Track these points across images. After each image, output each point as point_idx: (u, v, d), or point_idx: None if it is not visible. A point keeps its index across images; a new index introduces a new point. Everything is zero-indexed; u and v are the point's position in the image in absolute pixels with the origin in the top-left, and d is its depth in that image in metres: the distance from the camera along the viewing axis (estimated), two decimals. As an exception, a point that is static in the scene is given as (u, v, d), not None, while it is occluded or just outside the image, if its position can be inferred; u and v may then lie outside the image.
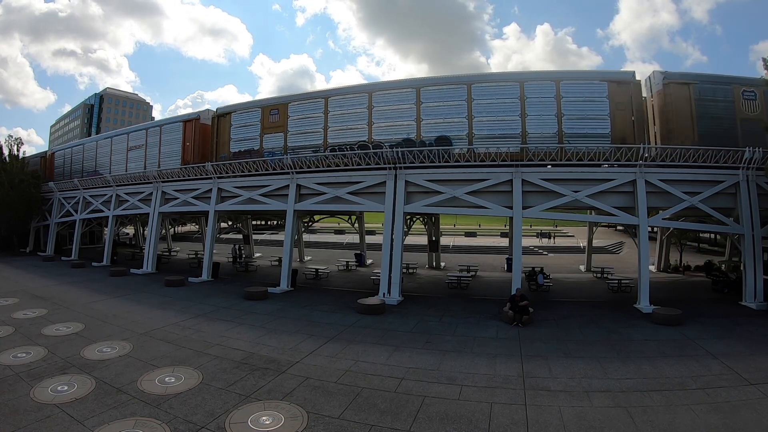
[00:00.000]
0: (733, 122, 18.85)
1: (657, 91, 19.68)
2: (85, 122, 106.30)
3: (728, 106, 19.01)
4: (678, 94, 19.09)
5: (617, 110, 18.66)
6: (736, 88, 19.10)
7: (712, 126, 18.82)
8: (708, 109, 18.98)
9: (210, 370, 10.22)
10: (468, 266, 26.38)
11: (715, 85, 19.21)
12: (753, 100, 19.00)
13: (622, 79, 19.10)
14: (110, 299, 18.15)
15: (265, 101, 24.57)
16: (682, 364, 10.62)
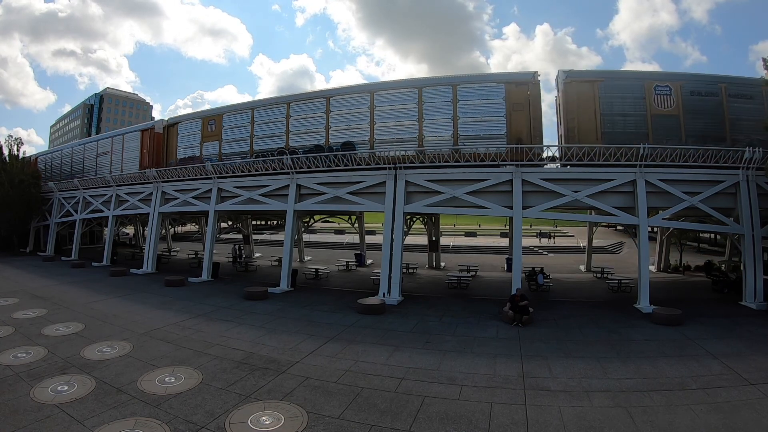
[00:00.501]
0: (643, 118, 18.88)
1: (562, 90, 19.96)
2: (85, 122, 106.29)
3: (638, 103, 18.98)
4: (582, 92, 19.28)
5: (514, 111, 19.14)
6: (647, 83, 19.09)
7: (618, 123, 18.99)
8: (614, 107, 19.10)
9: (210, 370, 10.22)
10: (468, 266, 26.38)
11: (624, 82, 19.34)
12: (667, 95, 18.93)
13: (520, 80, 19.53)
14: (110, 299, 18.15)
15: (205, 112, 26.99)
16: (682, 364, 10.62)
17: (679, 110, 18.80)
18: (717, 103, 18.87)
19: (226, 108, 25.96)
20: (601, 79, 19.43)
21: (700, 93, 18.99)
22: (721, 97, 18.86)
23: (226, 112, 25.35)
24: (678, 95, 18.90)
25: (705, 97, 18.94)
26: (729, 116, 18.71)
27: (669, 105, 18.93)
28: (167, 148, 27.84)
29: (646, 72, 20.46)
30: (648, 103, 18.90)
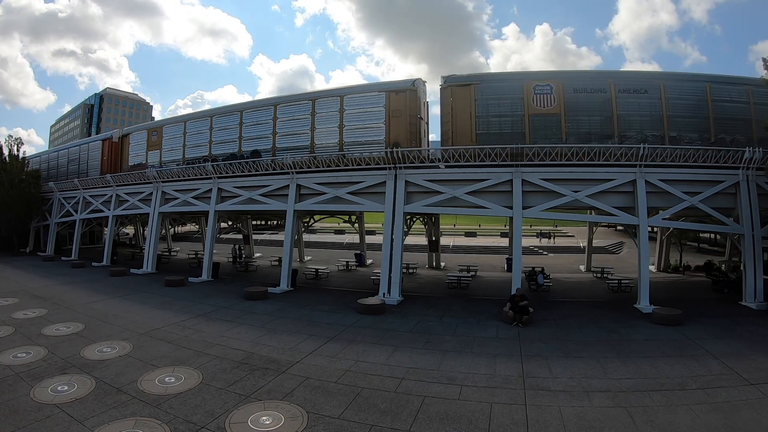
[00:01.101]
0: (520, 118, 19.24)
1: (440, 95, 20.57)
2: (85, 122, 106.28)
3: (516, 103, 19.33)
4: (459, 96, 19.90)
5: (393, 117, 20.33)
6: (527, 83, 19.36)
7: (493, 124, 19.49)
8: (490, 109, 19.57)
9: (210, 370, 10.22)
10: (468, 266, 26.38)
11: (502, 84, 19.86)
12: (548, 95, 19.11)
13: (399, 88, 20.63)
14: (110, 299, 18.15)
15: (149, 124, 31.57)
16: (682, 364, 10.62)
17: (560, 109, 18.99)
18: (605, 100, 18.89)
19: (165, 121, 30.14)
20: (477, 83, 20.12)
21: (585, 90, 19.08)
22: (609, 93, 18.85)
23: (165, 125, 28.82)
24: (560, 94, 19.06)
25: (591, 93, 19.01)
26: (618, 112, 18.75)
27: (549, 104, 19.13)
28: (122, 156, 30.91)
29: (525, 72, 21.35)
30: (526, 103, 19.28)
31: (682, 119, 18.67)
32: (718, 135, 18.42)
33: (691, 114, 18.71)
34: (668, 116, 18.59)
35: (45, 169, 38.20)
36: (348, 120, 21.17)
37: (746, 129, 18.55)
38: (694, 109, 18.74)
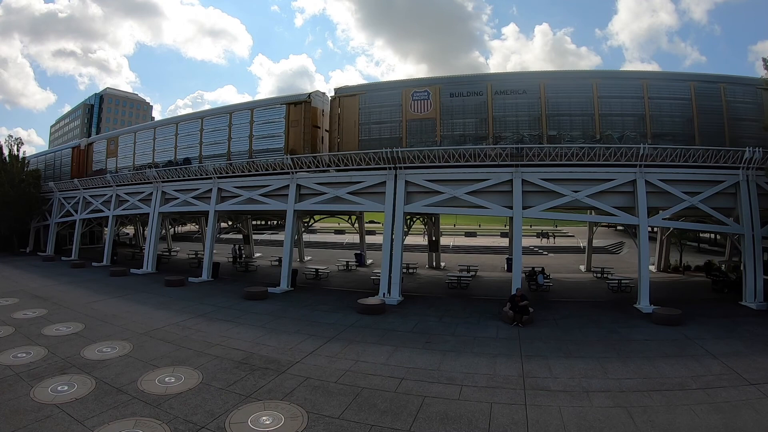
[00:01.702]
0: (399, 124, 20.58)
1: (335, 100, 22.28)
2: (85, 122, 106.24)
3: (395, 110, 20.67)
4: (346, 105, 21.59)
5: (291, 127, 22.40)
6: (405, 91, 20.64)
7: (374, 130, 21.04)
8: (372, 116, 21.11)
9: (210, 370, 10.22)
10: (468, 266, 26.37)
11: (384, 92, 21.20)
12: (425, 100, 20.22)
13: (297, 100, 22.75)
14: (110, 299, 18.14)
15: (109, 134, 35.24)
16: (682, 364, 10.62)
17: (436, 113, 20.00)
18: (481, 102, 19.59)
19: (120, 131, 33.65)
20: (363, 92, 21.65)
21: (461, 94, 19.91)
22: (486, 95, 19.50)
23: (121, 135, 32.24)
24: (436, 98, 20.09)
25: (467, 97, 19.80)
26: (494, 114, 19.35)
27: (426, 109, 20.16)
28: (87, 162, 34.01)
29: (405, 80, 22.06)
30: (404, 109, 20.49)
31: (563, 117, 18.98)
32: (605, 132, 18.68)
33: (573, 112, 18.97)
34: (548, 115, 18.99)
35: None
36: (256, 130, 23.67)
37: (638, 125, 18.74)
38: (578, 106, 18.96)
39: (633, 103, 18.79)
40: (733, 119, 18.52)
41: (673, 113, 18.76)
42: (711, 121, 18.52)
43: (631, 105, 18.83)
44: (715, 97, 18.59)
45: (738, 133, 18.35)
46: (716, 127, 18.50)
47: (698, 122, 18.47)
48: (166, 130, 28.21)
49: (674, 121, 18.71)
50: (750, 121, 18.39)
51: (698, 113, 18.50)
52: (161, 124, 29.61)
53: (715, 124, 18.51)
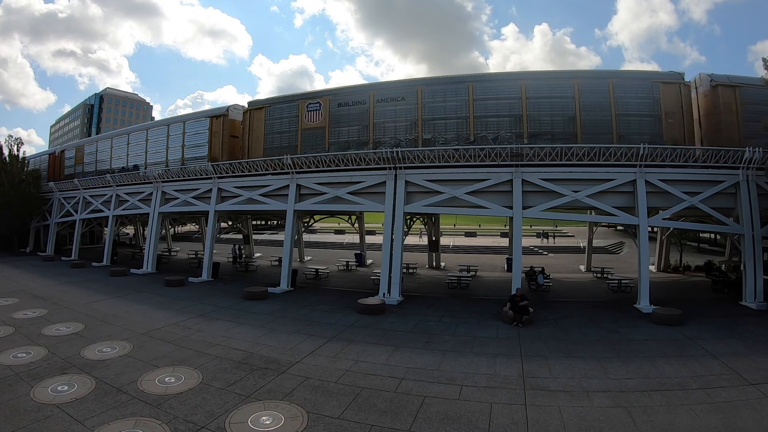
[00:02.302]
0: (295, 133, 22.88)
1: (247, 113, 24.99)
2: (85, 122, 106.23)
3: (293, 121, 22.94)
4: (255, 117, 24.16)
5: (213, 137, 25.47)
6: (302, 103, 22.85)
7: (276, 139, 23.38)
8: (275, 127, 23.60)
9: (210, 370, 10.22)
10: (468, 266, 26.37)
11: (285, 105, 23.50)
12: (317, 111, 22.19)
13: (218, 113, 25.83)
14: (110, 299, 18.14)
15: (77, 143, 39.53)
16: (682, 364, 10.62)
17: (325, 122, 21.94)
18: (364, 111, 21.14)
19: (86, 141, 38.67)
20: (268, 105, 23.94)
21: (347, 104, 21.64)
22: (368, 104, 21.03)
23: (86, 144, 36.38)
24: (326, 109, 21.92)
25: (352, 106, 21.43)
26: (375, 120, 20.86)
27: (318, 119, 22.16)
28: (61, 167, 37.30)
29: (301, 93, 24.78)
30: (300, 119, 22.59)
31: (438, 121, 20.07)
32: (479, 134, 19.51)
33: (449, 115, 19.99)
34: (423, 119, 20.19)
35: None
36: (187, 140, 26.73)
37: (514, 125, 19.40)
38: (453, 110, 19.96)
39: (510, 104, 19.46)
40: (623, 115, 18.73)
41: (553, 112, 19.21)
42: (597, 117, 18.88)
43: (508, 106, 19.50)
44: (603, 93, 18.87)
45: (629, 130, 18.66)
46: (603, 124, 18.85)
47: (581, 120, 18.86)
48: (121, 140, 31.50)
49: (554, 119, 19.21)
50: (644, 116, 18.71)
51: (581, 110, 18.84)
52: (116, 135, 33.14)
53: (602, 120, 18.85)
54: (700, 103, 19.89)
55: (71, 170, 35.62)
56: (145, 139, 29.33)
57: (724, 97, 18.78)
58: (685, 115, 18.70)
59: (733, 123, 18.64)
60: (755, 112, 18.34)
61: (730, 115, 18.68)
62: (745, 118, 18.55)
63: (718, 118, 18.92)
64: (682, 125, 18.54)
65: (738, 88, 18.82)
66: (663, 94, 18.66)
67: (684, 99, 18.81)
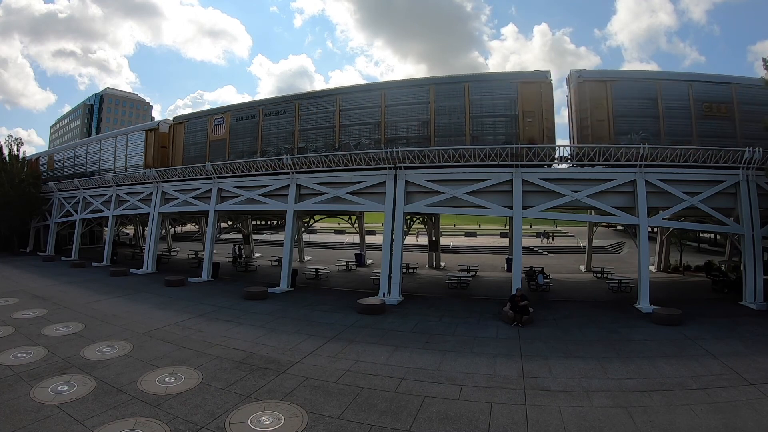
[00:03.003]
0: (205, 145, 25.93)
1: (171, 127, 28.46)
2: (85, 122, 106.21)
3: (203, 134, 26.22)
4: (177, 131, 27.61)
5: (148, 148, 29.00)
6: (210, 118, 26.04)
7: (191, 150, 26.77)
8: (190, 139, 26.84)
9: (210, 370, 10.22)
10: (468, 266, 26.37)
11: (198, 120, 26.87)
12: (221, 125, 25.30)
13: (151, 127, 29.96)
14: (110, 299, 18.14)
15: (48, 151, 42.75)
16: (682, 364, 10.62)
17: (227, 135, 24.91)
18: (255, 124, 24.17)
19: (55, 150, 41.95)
20: (186, 120, 27.41)
21: (243, 118, 24.69)
22: (258, 118, 23.99)
23: (54, 153, 40.31)
24: (228, 123, 24.95)
25: (246, 120, 24.53)
26: (263, 132, 23.79)
27: (221, 132, 25.19)
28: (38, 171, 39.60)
29: (211, 110, 27.87)
30: (209, 133, 25.72)
31: (310, 131, 22.59)
32: (343, 141, 21.55)
33: (319, 126, 22.42)
34: (299, 131, 22.66)
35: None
36: (130, 150, 30.44)
37: (373, 132, 21.02)
38: (323, 120, 22.24)
39: (371, 112, 21.09)
40: (477, 117, 19.52)
41: (409, 117, 20.47)
42: (452, 121, 19.80)
43: (369, 114, 21.19)
44: (458, 97, 19.67)
45: (483, 131, 19.52)
46: (456, 126, 19.75)
47: (434, 123, 19.91)
48: (81, 149, 35.54)
49: (410, 125, 20.47)
50: (499, 117, 19.48)
51: (435, 114, 19.86)
52: (78, 145, 37.86)
53: (456, 123, 19.73)
54: (572, 100, 20.28)
55: (45, 175, 39.12)
56: (99, 148, 33.25)
57: (592, 93, 19.07)
58: (545, 113, 18.97)
59: (604, 119, 18.90)
60: (628, 107, 18.88)
61: (600, 111, 18.92)
62: (618, 113, 18.87)
63: (585, 115, 19.19)
64: (541, 123, 18.89)
65: (610, 83, 19.02)
66: (522, 94, 19.09)
67: (544, 97, 19.06)
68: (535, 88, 19.06)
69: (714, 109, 18.55)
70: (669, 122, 18.58)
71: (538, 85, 19.13)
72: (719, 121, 18.54)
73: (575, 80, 19.74)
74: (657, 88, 18.71)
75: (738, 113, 18.52)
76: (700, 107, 18.59)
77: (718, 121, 18.54)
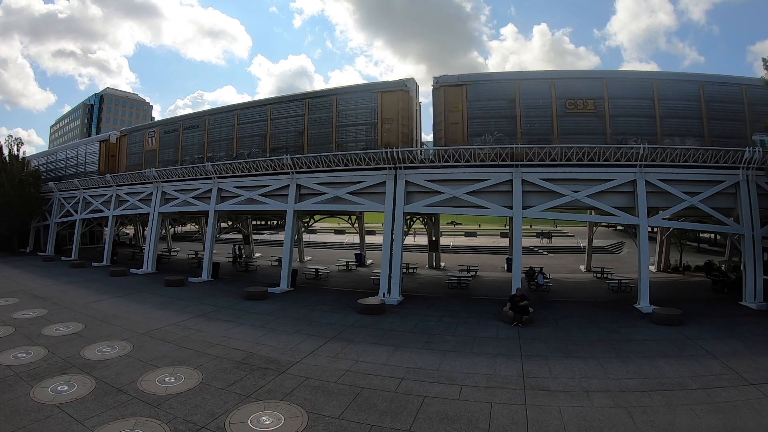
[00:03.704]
0: (141, 154, 29.58)
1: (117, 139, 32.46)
2: (85, 122, 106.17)
3: (140, 144, 29.84)
4: (122, 141, 31.48)
5: (101, 156, 32.99)
6: (145, 132, 29.96)
7: (133, 158, 30.24)
8: (131, 149, 30.67)
9: (210, 370, 10.22)
10: (468, 266, 26.37)
11: (137, 133, 30.87)
12: (153, 137, 29.07)
13: (103, 139, 33.99)
14: (110, 299, 18.14)
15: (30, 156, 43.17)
16: (682, 364, 10.62)
17: (157, 146, 28.60)
18: (177, 137, 27.48)
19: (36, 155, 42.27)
20: (128, 134, 31.40)
21: (170, 132, 28.14)
22: (179, 132, 27.44)
23: (33, 159, 40.97)
24: (158, 136, 28.69)
25: (171, 133, 27.95)
26: (183, 144, 27.27)
27: (153, 144, 28.87)
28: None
29: (148, 124, 32.71)
30: (144, 144, 29.46)
31: (215, 143, 25.64)
32: (239, 150, 24.16)
33: (222, 138, 25.33)
34: (209, 142, 25.80)
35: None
36: (87, 158, 34.29)
37: (261, 143, 23.60)
38: (226, 133, 25.13)
39: (260, 125, 23.84)
40: (341, 126, 21.60)
41: (288, 129, 23.13)
42: (322, 131, 22.08)
43: (258, 127, 23.86)
44: (328, 108, 21.89)
45: (347, 138, 21.56)
46: (325, 135, 21.90)
47: (308, 133, 22.34)
48: (63, 155, 38.48)
49: (288, 136, 23.01)
50: (361, 125, 21.32)
51: (309, 126, 22.40)
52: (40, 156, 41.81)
53: (325, 133, 21.93)
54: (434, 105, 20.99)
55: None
56: (65, 156, 37.31)
57: (447, 97, 19.95)
58: (402, 119, 20.45)
59: (458, 122, 19.69)
60: (483, 109, 19.58)
61: (455, 114, 19.74)
62: (472, 116, 19.59)
63: (440, 118, 20.07)
64: (398, 129, 20.39)
65: (466, 87, 19.81)
66: (383, 102, 20.63)
67: (402, 104, 20.49)
68: (394, 97, 20.51)
69: (579, 105, 18.70)
70: (526, 121, 19.02)
71: (397, 94, 20.49)
72: (586, 118, 18.71)
73: (433, 86, 20.60)
74: (515, 89, 19.23)
75: (609, 108, 18.57)
76: (563, 104, 18.80)
77: (585, 117, 18.72)
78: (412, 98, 21.09)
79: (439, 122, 20.01)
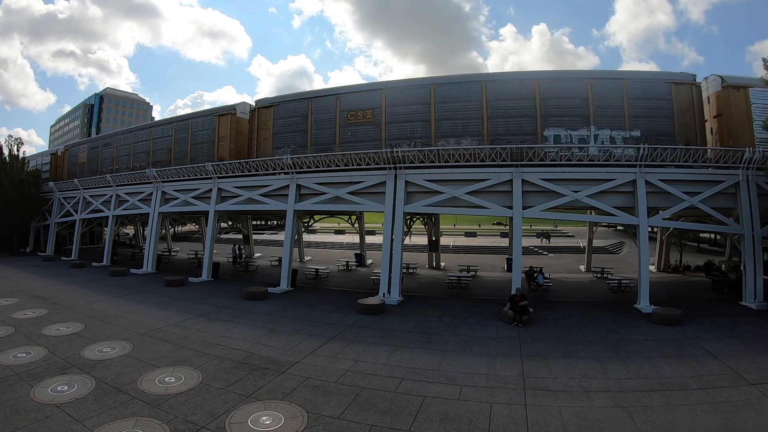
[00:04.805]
0: (77, 166, 35.18)
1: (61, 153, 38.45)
2: (85, 122, 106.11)
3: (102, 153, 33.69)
4: (65, 155, 37.69)
5: (52, 167, 38.70)
6: (87, 145, 35.10)
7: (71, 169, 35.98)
8: (71, 160, 36.26)
9: (210, 370, 10.22)
10: (468, 266, 26.36)
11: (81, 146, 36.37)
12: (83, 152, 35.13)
13: (54, 152, 39.77)
14: (110, 299, 18.14)
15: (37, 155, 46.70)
16: (682, 364, 10.62)
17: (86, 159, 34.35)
18: (97, 153, 33.20)
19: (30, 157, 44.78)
20: (68, 149, 37.05)
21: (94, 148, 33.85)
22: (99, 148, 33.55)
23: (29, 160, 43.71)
24: (86, 152, 34.17)
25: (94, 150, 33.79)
26: (101, 158, 32.82)
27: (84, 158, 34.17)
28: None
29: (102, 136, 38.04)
30: (78, 157, 34.93)
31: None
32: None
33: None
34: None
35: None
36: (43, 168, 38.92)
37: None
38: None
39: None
40: (194, 144, 26.93)
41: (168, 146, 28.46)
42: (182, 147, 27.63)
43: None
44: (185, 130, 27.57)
45: (198, 153, 26.40)
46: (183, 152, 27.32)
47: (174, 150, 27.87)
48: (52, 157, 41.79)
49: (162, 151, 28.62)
50: (206, 143, 26.26)
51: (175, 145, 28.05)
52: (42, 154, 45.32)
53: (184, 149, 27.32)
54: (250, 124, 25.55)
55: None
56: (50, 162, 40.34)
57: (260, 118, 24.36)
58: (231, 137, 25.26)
59: (268, 138, 23.83)
60: (284, 125, 23.47)
61: (266, 131, 24.00)
62: (276, 132, 23.64)
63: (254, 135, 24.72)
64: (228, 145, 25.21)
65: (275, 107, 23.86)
66: (219, 124, 25.60)
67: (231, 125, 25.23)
68: (226, 120, 25.43)
69: (359, 116, 21.48)
70: (315, 134, 22.51)
71: (228, 117, 25.38)
72: (365, 127, 21.36)
73: (250, 108, 25.35)
74: (308, 106, 22.80)
75: (386, 117, 20.97)
76: (345, 116, 21.71)
77: (364, 126, 21.36)
78: (243, 119, 25.42)
79: (252, 138, 24.60)
